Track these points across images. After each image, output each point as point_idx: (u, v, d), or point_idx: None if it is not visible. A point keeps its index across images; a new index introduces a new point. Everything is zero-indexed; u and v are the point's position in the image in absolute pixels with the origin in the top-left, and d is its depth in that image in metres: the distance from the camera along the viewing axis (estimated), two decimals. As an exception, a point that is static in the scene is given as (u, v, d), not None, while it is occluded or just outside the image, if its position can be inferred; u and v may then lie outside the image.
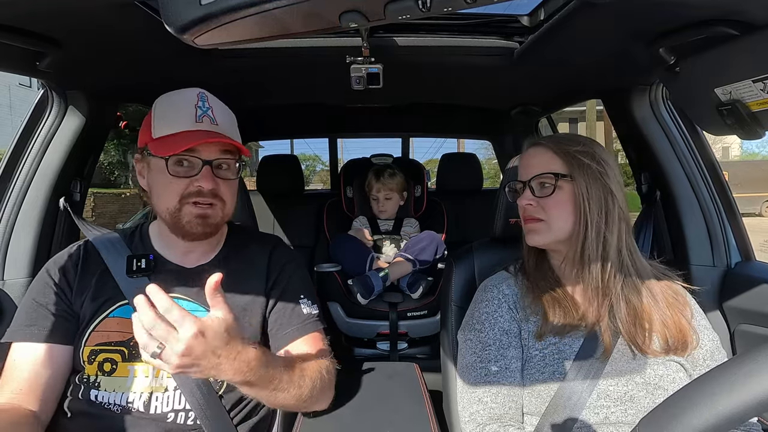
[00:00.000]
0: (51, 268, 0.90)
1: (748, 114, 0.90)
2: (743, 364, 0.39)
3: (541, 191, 0.87)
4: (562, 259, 0.90)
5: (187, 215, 0.84)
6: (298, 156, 2.89)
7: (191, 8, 0.54)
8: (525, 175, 0.90)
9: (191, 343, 0.63)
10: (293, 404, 0.83)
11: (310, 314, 0.95)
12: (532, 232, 0.89)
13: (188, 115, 0.84)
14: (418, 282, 1.96)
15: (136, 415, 0.82)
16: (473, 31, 1.22)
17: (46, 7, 0.76)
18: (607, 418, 0.78)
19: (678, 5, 0.80)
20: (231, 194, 0.90)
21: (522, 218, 0.91)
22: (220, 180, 0.86)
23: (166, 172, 0.82)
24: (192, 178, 0.83)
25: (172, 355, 0.63)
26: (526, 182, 0.89)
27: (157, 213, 0.88)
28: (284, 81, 1.62)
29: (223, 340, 0.67)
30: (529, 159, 0.91)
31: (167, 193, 0.84)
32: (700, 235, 1.27)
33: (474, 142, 10.21)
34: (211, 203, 0.85)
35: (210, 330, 0.65)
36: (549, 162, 0.87)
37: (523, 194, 0.89)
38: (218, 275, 0.67)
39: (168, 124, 0.84)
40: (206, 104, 0.86)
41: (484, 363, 0.86)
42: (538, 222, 0.87)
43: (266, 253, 0.99)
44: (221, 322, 0.67)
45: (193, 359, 0.64)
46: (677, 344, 0.81)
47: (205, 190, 0.83)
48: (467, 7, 0.55)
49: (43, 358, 0.82)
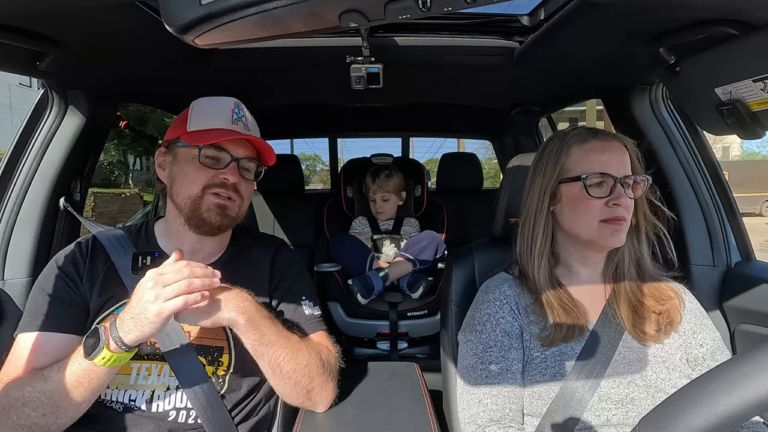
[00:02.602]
0: (60, 259, 0.90)
1: (748, 114, 0.90)
2: (743, 363, 0.39)
3: (628, 191, 0.84)
4: (591, 260, 0.91)
5: (208, 203, 0.89)
6: (298, 156, 2.88)
7: (191, 8, 0.54)
8: (616, 171, 0.83)
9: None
10: (290, 372, 0.83)
11: (312, 315, 0.97)
12: (619, 233, 0.84)
13: (225, 116, 0.91)
14: (418, 282, 1.96)
15: (137, 413, 0.83)
16: (473, 31, 1.22)
17: (46, 7, 0.76)
18: (608, 420, 0.78)
19: (678, 5, 0.80)
20: (248, 193, 0.96)
21: (604, 216, 0.83)
22: (242, 178, 0.92)
23: (196, 162, 0.88)
24: (218, 171, 0.89)
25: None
26: (619, 179, 0.83)
27: (176, 204, 0.91)
28: (284, 81, 1.62)
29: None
30: (619, 155, 0.85)
31: (192, 181, 0.89)
32: (700, 234, 1.27)
33: (474, 142, 10.21)
34: (231, 197, 0.90)
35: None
36: (628, 164, 0.86)
37: (620, 193, 0.83)
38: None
39: (205, 120, 0.90)
40: (241, 112, 0.94)
41: (484, 364, 0.86)
42: (625, 223, 0.84)
43: (270, 255, 1.01)
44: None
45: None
46: (664, 323, 0.85)
47: (229, 183, 0.89)
48: (467, 6, 0.55)
49: (53, 346, 0.82)
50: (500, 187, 1.12)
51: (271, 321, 0.84)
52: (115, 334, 0.72)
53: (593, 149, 0.85)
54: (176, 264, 0.75)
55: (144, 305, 0.72)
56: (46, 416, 0.73)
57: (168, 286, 0.72)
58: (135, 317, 0.72)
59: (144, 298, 0.72)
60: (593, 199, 0.83)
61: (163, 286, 0.72)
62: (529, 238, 0.91)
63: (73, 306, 0.86)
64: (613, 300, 0.88)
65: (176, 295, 0.72)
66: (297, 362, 0.84)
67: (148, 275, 0.74)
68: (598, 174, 0.83)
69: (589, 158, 0.85)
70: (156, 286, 0.72)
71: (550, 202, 0.89)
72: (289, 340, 0.85)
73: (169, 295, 0.72)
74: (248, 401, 0.91)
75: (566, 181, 0.86)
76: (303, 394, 0.87)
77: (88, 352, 0.73)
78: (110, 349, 0.72)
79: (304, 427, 0.86)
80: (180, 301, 0.72)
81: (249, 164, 0.94)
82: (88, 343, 0.74)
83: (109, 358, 0.73)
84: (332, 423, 0.88)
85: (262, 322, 0.82)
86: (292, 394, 0.87)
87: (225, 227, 0.92)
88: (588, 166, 0.84)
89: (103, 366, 0.73)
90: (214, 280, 0.77)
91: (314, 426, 0.87)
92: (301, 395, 0.87)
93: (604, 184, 0.83)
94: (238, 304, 0.80)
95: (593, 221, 0.84)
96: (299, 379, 0.84)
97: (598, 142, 0.86)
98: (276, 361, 0.82)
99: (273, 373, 0.84)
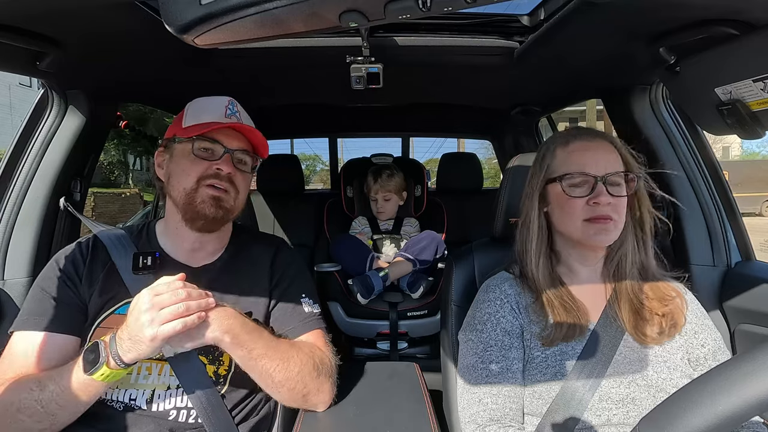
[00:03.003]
0: (60, 259, 0.90)
1: (748, 113, 0.90)
2: (743, 363, 0.39)
3: (613, 189, 0.84)
4: (589, 260, 0.90)
5: (202, 195, 0.88)
6: (298, 156, 2.88)
7: (191, 8, 0.54)
8: (596, 170, 0.84)
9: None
10: (282, 381, 0.83)
11: (311, 313, 0.97)
12: (604, 232, 0.83)
13: (219, 112, 0.92)
14: (419, 282, 1.95)
15: (138, 412, 0.83)
16: (473, 31, 1.22)
17: (46, 7, 0.76)
18: (609, 419, 0.78)
19: (678, 5, 0.80)
20: (244, 185, 0.95)
21: (587, 216, 0.84)
22: (236, 169, 0.92)
23: (190, 155, 0.89)
24: (212, 162, 0.89)
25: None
26: (600, 179, 0.83)
27: (172, 198, 0.91)
28: (284, 81, 1.62)
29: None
30: (601, 154, 0.85)
31: (187, 174, 0.89)
32: (700, 234, 1.27)
33: (474, 141, 10.21)
34: (226, 189, 0.90)
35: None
36: (617, 160, 0.85)
37: (600, 191, 0.83)
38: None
39: (199, 116, 0.91)
40: (235, 108, 0.95)
41: (485, 364, 0.86)
42: (610, 221, 0.83)
43: (270, 253, 1.01)
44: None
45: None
46: (668, 325, 0.84)
47: (223, 173, 0.89)
48: (467, 6, 0.55)
49: (50, 347, 0.82)
50: (500, 187, 1.12)
51: (258, 334, 0.83)
52: (114, 351, 0.72)
53: (575, 150, 0.87)
54: (172, 284, 0.74)
55: (140, 327, 0.71)
56: (41, 422, 0.73)
57: (164, 309, 0.71)
58: (132, 338, 0.72)
59: (140, 320, 0.71)
60: (574, 199, 0.85)
61: (159, 309, 0.71)
62: (526, 238, 0.92)
63: (72, 306, 0.86)
64: (613, 301, 0.88)
65: (173, 319, 0.71)
66: (288, 371, 0.83)
67: (144, 295, 0.73)
68: (578, 174, 0.85)
69: (571, 159, 0.87)
70: (152, 309, 0.71)
71: (541, 204, 0.90)
72: (278, 350, 0.84)
73: (165, 318, 0.71)
74: (249, 401, 0.91)
75: (551, 182, 0.88)
76: (299, 399, 0.87)
77: (87, 368, 0.72)
78: (109, 366, 0.72)
79: (304, 427, 0.86)
80: (179, 325, 0.71)
81: (243, 156, 0.94)
82: (88, 358, 0.73)
83: (108, 374, 0.72)
84: (332, 423, 0.88)
85: (248, 338, 0.81)
86: (288, 399, 0.87)
87: (220, 220, 0.91)
88: (569, 166, 0.86)
89: (100, 381, 0.73)
90: (209, 301, 0.77)
91: (314, 426, 0.87)
92: (298, 400, 0.87)
93: (586, 184, 0.85)
94: (222, 323, 0.78)
95: (577, 221, 0.85)
96: (293, 385, 0.84)
97: (580, 142, 0.88)
98: (267, 372, 0.82)
99: (266, 384, 0.84)
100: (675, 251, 1.32)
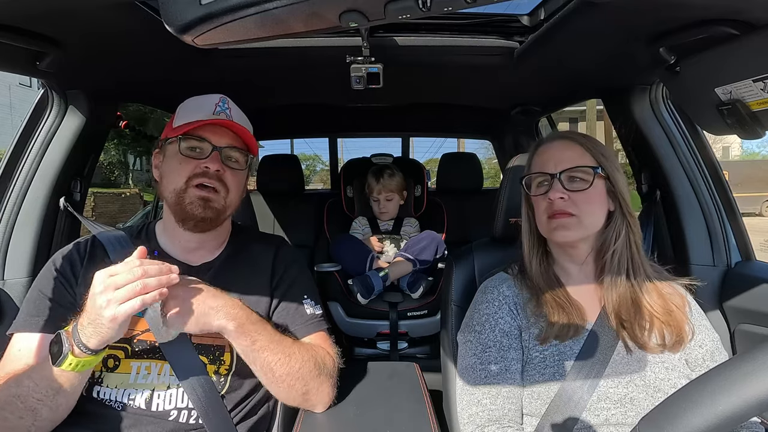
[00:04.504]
0: (57, 259, 0.90)
1: (748, 113, 0.90)
2: (742, 363, 0.39)
3: (572, 185, 0.84)
4: (575, 258, 0.90)
5: (191, 197, 0.87)
6: (298, 156, 2.88)
7: (191, 8, 0.54)
8: (553, 168, 0.86)
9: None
10: (283, 375, 0.83)
11: (313, 314, 0.96)
12: (562, 228, 0.84)
13: (208, 109, 0.91)
14: (419, 282, 1.96)
15: (138, 412, 0.82)
16: (473, 31, 1.22)
17: (46, 7, 0.76)
18: (607, 419, 0.78)
19: (678, 5, 0.80)
20: (236, 184, 0.93)
21: (548, 213, 0.86)
22: (227, 167, 0.90)
23: (178, 154, 0.88)
24: (201, 161, 0.88)
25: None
26: (556, 175, 0.85)
27: (165, 199, 0.91)
28: (284, 81, 1.62)
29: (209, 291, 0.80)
30: (558, 152, 0.87)
31: (176, 174, 0.88)
32: (700, 234, 1.27)
33: (474, 141, 10.22)
34: (215, 188, 0.89)
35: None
36: (581, 156, 0.85)
37: (554, 187, 0.84)
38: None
39: (189, 115, 0.90)
40: (226, 105, 0.93)
41: (484, 364, 0.86)
42: (570, 217, 0.84)
43: (271, 252, 1.01)
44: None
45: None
46: (673, 340, 0.82)
47: (211, 171, 0.88)
48: (467, 6, 0.55)
49: (45, 347, 0.80)
50: (500, 187, 1.13)
51: (262, 326, 0.83)
52: (77, 339, 0.71)
53: (541, 152, 0.91)
54: (127, 264, 0.71)
55: (98, 310, 0.69)
56: (23, 419, 0.73)
57: (119, 289, 0.69)
58: (92, 322, 0.70)
59: (96, 303, 0.69)
60: (537, 197, 0.89)
61: (114, 289, 0.69)
62: (523, 238, 0.95)
63: (68, 307, 0.85)
64: (607, 305, 0.86)
65: (129, 298, 0.69)
66: (290, 366, 0.83)
67: (98, 277, 0.71)
68: (537, 173, 0.89)
69: (535, 160, 0.91)
70: (107, 290, 0.69)
71: (527, 205, 0.94)
72: (282, 344, 0.85)
73: (121, 298, 0.69)
74: (248, 401, 0.91)
75: (525, 185, 0.93)
76: (299, 397, 0.87)
77: (53, 359, 0.72)
78: (75, 354, 0.71)
79: (303, 427, 0.86)
80: (137, 303, 0.69)
81: (233, 153, 0.92)
82: (53, 350, 0.72)
83: (76, 363, 0.71)
84: (332, 423, 0.88)
85: (253, 328, 0.81)
86: (287, 396, 0.87)
87: (211, 221, 0.90)
88: (533, 167, 0.91)
89: (71, 371, 0.72)
90: (172, 277, 0.73)
91: (314, 426, 0.87)
92: (297, 398, 0.87)
93: (545, 182, 0.87)
94: (228, 311, 0.79)
95: (542, 217, 0.88)
96: (293, 382, 0.84)
97: (546, 144, 0.92)
98: (268, 365, 0.82)
99: (266, 377, 0.84)
100: (675, 251, 1.32)
